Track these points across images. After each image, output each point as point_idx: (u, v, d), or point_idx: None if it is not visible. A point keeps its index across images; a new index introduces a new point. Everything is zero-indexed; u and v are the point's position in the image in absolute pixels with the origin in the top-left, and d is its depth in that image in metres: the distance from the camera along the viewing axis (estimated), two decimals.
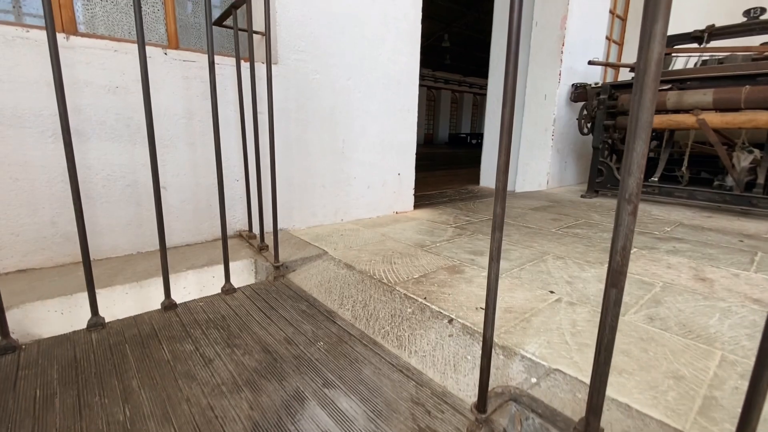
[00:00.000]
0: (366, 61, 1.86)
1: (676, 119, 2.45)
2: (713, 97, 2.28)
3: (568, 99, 3.29)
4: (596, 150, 2.85)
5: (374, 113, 1.95)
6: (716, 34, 2.69)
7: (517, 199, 2.85)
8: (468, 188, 3.76)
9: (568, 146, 3.49)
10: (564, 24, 3.06)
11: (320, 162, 1.79)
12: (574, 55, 3.23)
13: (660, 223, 2.09)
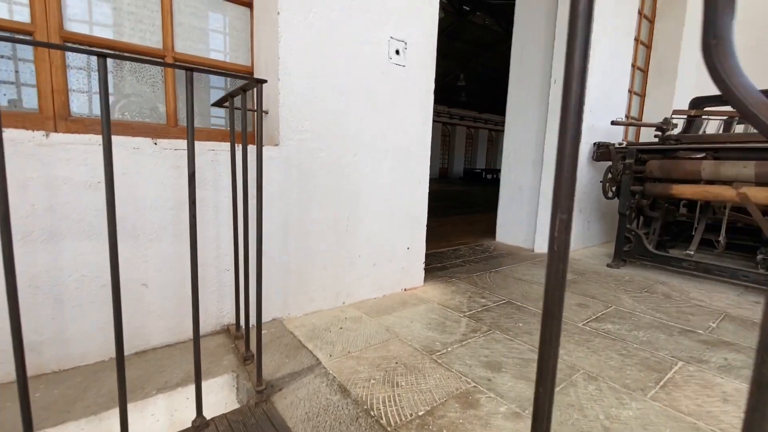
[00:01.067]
0: (375, 134, 1.75)
1: (713, 191, 2.25)
2: (756, 171, 2.07)
3: (590, 158, 3.13)
4: (623, 216, 2.65)
5: (383, 186, 1.83)
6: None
7: (538, 266, 2.64)
8: (483, 244, 3.57)
9: (590, 205, 3.30)
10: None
11: (322, 242, 1.65)
12: (595, 113, 3.10)
13: (702, 313, 1.85)
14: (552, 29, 3.15)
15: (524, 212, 3.51)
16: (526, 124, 3.44)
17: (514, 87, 3.53)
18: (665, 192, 2.45)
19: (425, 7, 1.84)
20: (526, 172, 3.47)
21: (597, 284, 2.26)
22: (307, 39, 1.49)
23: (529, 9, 3.36)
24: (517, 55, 3.48)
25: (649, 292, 2.15)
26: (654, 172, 2.47)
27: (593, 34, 2.90)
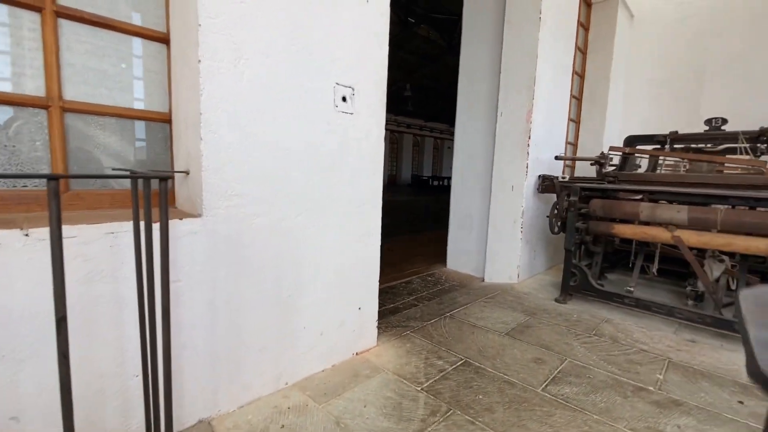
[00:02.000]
0: (321, 192, 1.56)
1: (650, 233, 2.35)
2: (688, 216, 2.19)
3: (536, 190, 3.19)
4: (568, 252, 2.70)
5: (331, 247, 1.64)
6: (678, 140, 2.70)
7: (491, 305, 2.60)
8: (434, 274, 3.50)
9: (536, 235, 3.36)
10: (530, 117, 2.98)
11: (259, 320, 1.43)
12: (539, 147, 3.16)
13: (648, 361, 1.88)
14: (497, 63, 3.17)
15: (474, 241, 3.50)
16: (474, 154, 3.44)
17: (462, 115, 3.51)
18: (607, 231, 2.53)
19: (374, 51, 1.69)
20: (474, 201, 3.47)
21: (549, 328, 2.25)
22: (238, 90, 1.27)
23: (475, 42, 3.36)
24: (464, 86, 3.47)
25: (597, 335, 2.17)
26: (597, 211, 2.54)
27: (537, 70, 2.95)
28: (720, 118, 2.56)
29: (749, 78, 4.10)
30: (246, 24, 1.26)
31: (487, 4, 3.25)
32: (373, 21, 1.67)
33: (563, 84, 3.48)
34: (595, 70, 4.63)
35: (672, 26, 4.58)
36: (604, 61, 4.57)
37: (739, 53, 4.15)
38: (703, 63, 4.38)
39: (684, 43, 4.50)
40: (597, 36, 4.59)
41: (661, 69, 4.67)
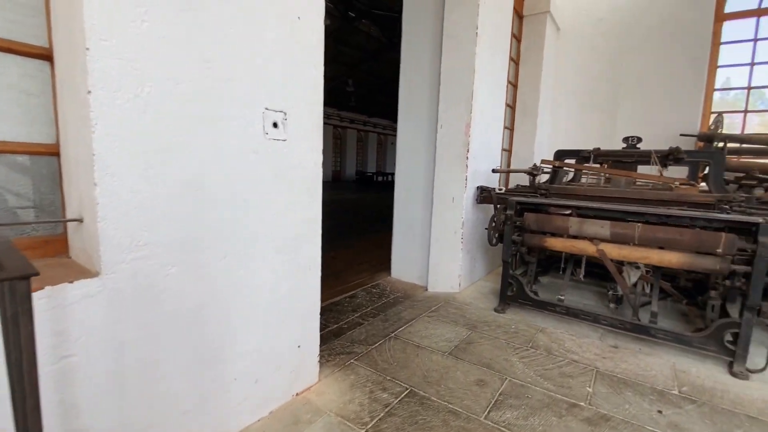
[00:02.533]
0: (251, 229, 1.41)
1: (578, 246, 2.50)
2: (610, 231, 2.35)
3: (475, 201, 3.26)
4: (506, 263, 2.79)
5: (264, 287, 1.50)
6: (600, 155, 2.91)
7: (434, 320, 2.61)
8: (379, 284, 3.46)
9: (475, 244, 3.45)
10: (468, 131, 3.03)
11: (181, 382, 1.26)
12: (478, 159, 3.23)
13: (579, 373, 2.00)
14: (437, 75, 3.17)
15: (417, 250, 3.51)
16: (417, 165, 3.43)
17: (404, 123, 3.48)
18: (541, 243, 2.65)
19: (308, 70, 1.56)
20: (417, 211, 3.47)
21: (489, 343, 2.31)
22: (141, 124, 1.08)
23: (415, 54, 3.33)
24: (405, 95, 3.43)
25: (533, 348, 2.27)
26: (531, 225, 2.64)
27: (474, 84, 3.00)
28: (635, 137, 2.79)
29: (659, 92, 4.55)
30: (149, 47, 1.07)
31: (426, 17, 3.22)
32: (306, 39, 1.54)
33: (499, 96, 3.59)
34: (526, 80, 4.86)
35: (592, 41, 4.94)
36: (535, 71, 4.81)
37: (650, 69, 4.59)
38: (619, 77, 4.78)
39: (602, 58, 4.88)
40: (528, 47, 4.81)
41: (584, 81, 5.03)
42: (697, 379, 1.99)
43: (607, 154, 2.89)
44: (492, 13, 3.14)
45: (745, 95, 4.59)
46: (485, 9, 2.98)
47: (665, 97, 4.51)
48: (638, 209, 2.31)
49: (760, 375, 2.01)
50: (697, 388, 1.89)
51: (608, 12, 4.83)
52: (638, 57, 4.65)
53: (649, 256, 2.26)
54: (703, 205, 2.38)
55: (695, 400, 1.79)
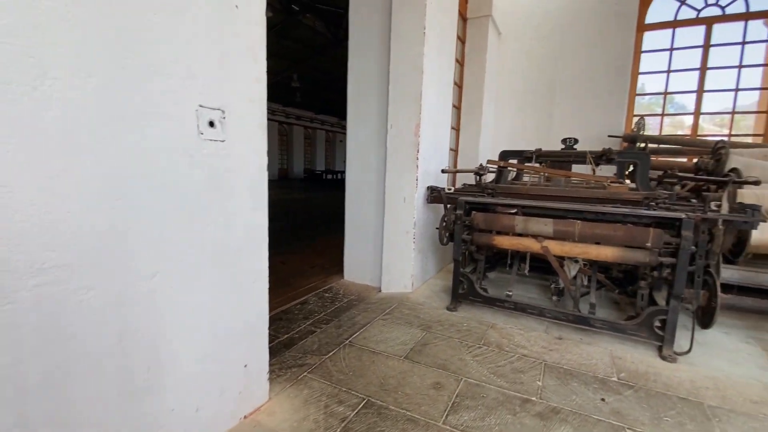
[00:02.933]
0: (186, 242, 1.26)
1: (524, 243, 2.59)
2: (553, 228, 2.46)
3: (425, 201, 3.27)
4: (457, 262, 2.83)
5: (204, 305, 1.35)
6: (542, 156, 3.05)
7: (389, 322, 2.57)
8: (332, 288, 3.36)
9: (427, 243, 3.47)
10: (418, 131, 3.02)
11: (101, 425, 1.08)
12: (427, 160, 3.24)
13: (529, 367, 2.07)
14: (386, 75, 3.12)
15: (370, 251, 3.46)
16: (367, 163, 3.37)
17: (353, 124, 3.40)
18: (489, 242, 2.71)
19: (248, 65, 1.43)
20: (369, 212, 3.41)
21: (444, 343, 2.32)
22: (42, 123, 0.90)
23: (362, 53, 3.26)
24: (354, 94, 3.35)
25: (486, 345, 2.31)
26: (480, 224, 2.70)
27: (423, 84, 2.99)
28: (573, 138, 2.96)
29: (590, 96, 4.90)
30: (49, 32, 0.90)
31: (374, 15, 3.16)
32: (245, 31, 1.40)
33: (446, 96, 3.64)
34: (471, 81, 4.99)
35: (530, 46, 5.20)
36: (479, 73, 4.96)
37: (582, 74, 4.93)
38: (554, 81, 5.08)
39: (539, 62, 5.16)
40: (472, 49, 4.94)
41: (523, 84, 5.28)
42: (632, 364, 2.15)
43: (548, 155, 3.04)
44: (438, 15, 3.16)
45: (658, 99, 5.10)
46: (432, 10, 2.99)
47: (595, 101, 4.87)
48: (578, 207, 2.45)
49: (685, 357, 2.22)
50: (633, 374, 2.04)
51: (543, 19, 5.11)
52: (571, 63, 4.97)
53: (588, 252, 2.40)
54: (633, 202, 2.58)
55: (632, 386, 1.93)
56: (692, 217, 2.17)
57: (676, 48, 4.81)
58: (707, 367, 2.15)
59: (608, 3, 4.70)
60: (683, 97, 5.01)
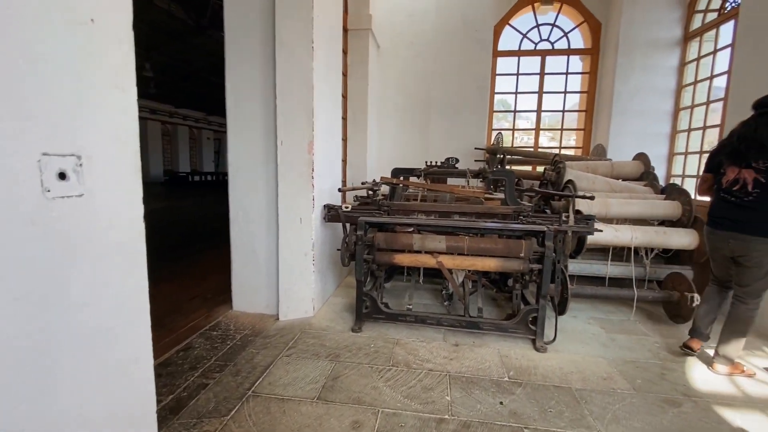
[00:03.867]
0: (35, 336, 0.92)
1: (422, 260, 2.73)
2: (446, 245, 2.66)
3: (322, 220, 3.17)
4: (359, 282, 2.83)
5: (64, 401, 1.02)
6: (430, 173, 3.25)
7: (294, 359, 2.41)
8: (221, 323, 2.99)
9: (325, 262, 3.38)
10: (311, 149, 2.90)
11: None
12: (323, 177, 3.14)
13: (436, 381, 2.19)
14: (271, 87, 2.89)
15: (263, 275, 3.19)
16: (254, 180, 3.08)
17: (235, 138, 3.07)
18: (390, 260, 2.78)
19: (110, 92, 1.12)
20: (260, 235, 3.14)
21: (355, 372, 2.28)
22: None
23: (242, 62, 2.95)
24: (233, 103, 3.02)
25: (395, 365, 2.37)
26: (381, 243, 2.74)
27: (315, 100, 2.87)
28: (454, 157, 3.24)
29: (460, 112, 5.45)
30: None
31: (254, 22, 2.88)
32: (107, 52, 1.09)
33: (337, 111, 3.58)
34: (355, 93, 5.04)
35: (407, 62, 5.51)
36: (362, 84, 5.04)
37: (453, 92, 5.44)
38: (430, 97, 5.50)
39: (416, 78, 5.51)
40: (354, 61, 4.98)
41: (403, 98, 5.58)
42: (517, 360, 2.47)
43: (435, 172, 3.26)
44: (325, 28, 3.07)
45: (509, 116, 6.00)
46: (320, 23, 2.88)
47: (464, 117, 5.45)
48: (466, 225, 2.69)
49: (552, 345, 2.66)
50: (519, 370, 2.34)
51: (416, 37, 5.46)
52: (444, 81, 5.45)
53: (475, 264, 2.67)
54: (505, 215, 2.96)
55: (520, 383, 2.21)
56: (551, 229, 2.60)
57: (521, 73, 5.72)
58: (568, 351, 2.62)
59: (470, 30, 5.29)
60: (529, 114, 6.00)
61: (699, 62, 4.74)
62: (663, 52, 5.02)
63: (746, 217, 2.23)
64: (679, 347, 2.64)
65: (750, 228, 2.21)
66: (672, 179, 5.00)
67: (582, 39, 5.67)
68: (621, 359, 2.54)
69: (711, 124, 4.47)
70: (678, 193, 3.54)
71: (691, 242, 3.32)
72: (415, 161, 5.46)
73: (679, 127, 5.04)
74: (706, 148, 4.52)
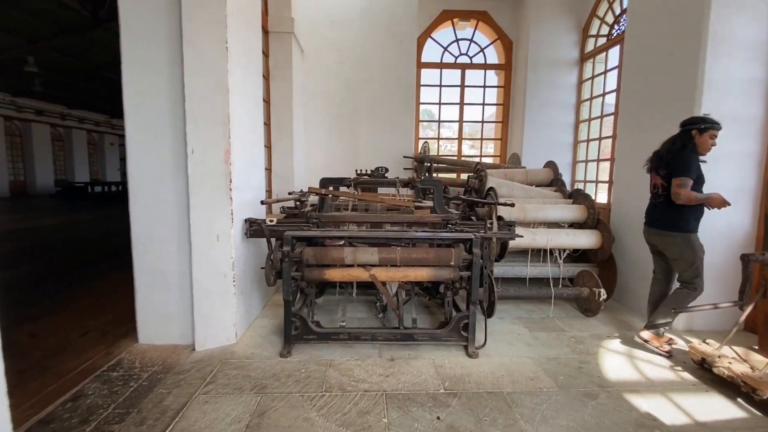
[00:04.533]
0: None
1: (354, 273, 2.62)
2: (379, 257, 2.58)
3: (244, 235, 2.91)
4: (288, 303, 2.63)
5: None
6: (360, 183, 3.17)
7: (212, 396, 2.13)
8: (122, 362, 2.56)
9: (249, 283, 3.10)
10: (229, 158, 2.64)
11: None
12: (243, 189, 2.88)
13: (372, 403, 2.08)
14: (179, 90, 2.58)
15: (175, 302, 2.82)
16: (161, 194, 2.72)
17: (137, 146, 2.68)
18: (321, 277, 2.63)
19: None
20: (170, 255, 2.77)
21: (284, 404, 2.08)
22: None
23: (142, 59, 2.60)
24: (134, 107, 2.65)
25: (328, 390, 2.21)
26: (310, 259, 2.58)
27: (230, 105, 2.63)
28: (384, 167, 3.20)
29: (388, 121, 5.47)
30: None
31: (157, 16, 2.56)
32: None
33: (257, 116, 3.34)
34: (279, 97, 4.80)
35: (334, 69, 5.41)
36: (286, 89, 4.82)
37: (381, 101, 5.45)
38: (358, 105, 5.45)
39: (344, 86, 5.43)
40: (277, 64, 4.75)
41: (331, 105, 5.46)
42: (451, 370, 2.47)
43: (365, 182, 3.19)
44: (241, 28, 2.84)
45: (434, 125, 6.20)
46: (234, 22, 2.65)
47: (392, 126, 5.49)
48: (399, 235, 2.64)
49: (483, 349, 2.71)
50: (454, 380, 2.34)
51: (341, 44, 5.39)
52: (371, 90, 5.44)
53: (408, 275, 2.63)
54: (435, 224, 2.99)
55: (456, 393, 2.20)
56: (478, 236, 2.67)
57: (444, 85, 5.95)
58: (498, 354, 2.70)
59: (395, 40, 5.36)
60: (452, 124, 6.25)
61: (593, 80, 5.35)
62: (565, 70, 5.58)
63: (659, 214, 2.74)
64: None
65: (661, 224, 2.72)
66: (576, 184, 5.55)
67: (496, 55, 6.08)
68: (544, 357, 2.68)
69: (605, 136, 5.05)
70: (583, 198, 3.90)
71: (596, 242, 3.67)
72: (344, 169, 5.36)
73: (579, 138, 5.62)
74: (602, 157, 5.09)
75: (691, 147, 2.55)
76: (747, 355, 2.37)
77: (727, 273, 3.08)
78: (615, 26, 4.86)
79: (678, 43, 3.18)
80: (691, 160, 2.51)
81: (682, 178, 2.49)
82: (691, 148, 2.54)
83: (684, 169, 2.50)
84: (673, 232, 2.64)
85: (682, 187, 2.49)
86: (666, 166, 2.61)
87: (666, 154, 2.63)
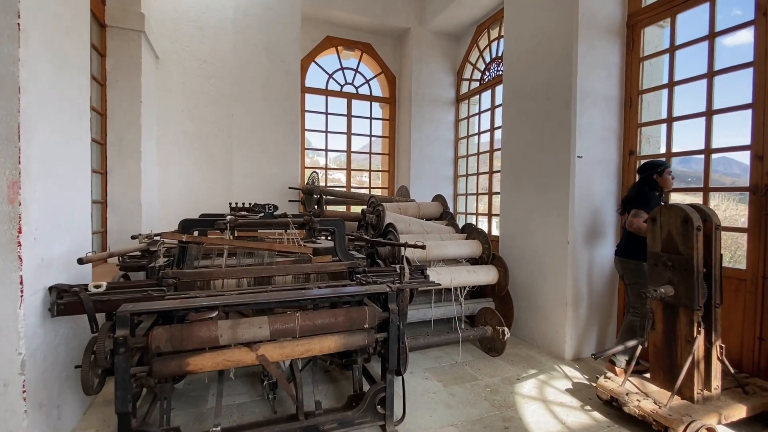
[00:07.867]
0: None
1: (234, 358, 1.86)
2: (270, 329, 1.90)
3: (47, 314, 1.87)
4: (123, 417, 1.71)
5: None
6: (240, 225, 2.43)
7: None
8: None
9: (58, 386, 2.01)
10: (17, 194, 1.65)
11: None
12: (46, 240, 1.87)
13: None
14: None
15: None
16: None
17: None
18: (181, 370, 1.79)
19: None
20: None
21: None
22: None
23: None
24: None
25: None
26: (163, 345, 1.73)
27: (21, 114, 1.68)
28: (273, 204, 2.55)
29: (268, 147, 4.77)
30: None
31: None
32: None
33: (81, 131, 2.33)
34: (121, 109, 3.69)
35: (200, 83, 4.50)
36: (133, 100, 3.74)
37: (260, 125, 4.72)
38: (231, 127, 4.61)
39: (214, 104, 4.55)
40: (118, 67, 3.67)
41: (197, 125, 4.49)
42: None
43: (247, 224, 2.47)
44: (53, 5, 1.92)
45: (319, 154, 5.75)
46: None
47: (273, 153, 4.80)
48: (297, 296, 2.02)
49: (402, 425, 2.24)
50: None
51: (212, 55, 4.56)
52: (248, 110, 4.69)
53: (312, 348, 2.01)
54: (338, 273, 2.46)
55: None
56: (394, 288, 2.25)
57: (330, 113, 5.59)
58: (419, 427, 2.27)
59: (276, 60, 4.78)
60: (340, 155, 5.90)
61: (468, 120, 5.72)
62: (444, 108, 5.84)
63: (621, 244, 3.00)
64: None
65: (621, 252, 2.95)
66: (458, 216, 5.74)
67: (380, 88, 6.05)
68: (468, 420, 2.36)
69: (482, 171, 5.37)
70: (477, 233, 3.91)
71: (493, 277, 3.66)
72: (213, 203, 4.42)
73: (459, 173, 5.89)
74: (481, 191, 5.38)
75: (653, 187, 2.83)
76: (643, 386, 2.47)
77: (602, 299, 3.35)
78: (486, 72, 5.29)
79: (552, 92, 3.47)
80: (649, 197, 2.79)
81: (638, 210, 2.75)
82: (652, 187, 2.83)
83: (641, 202, 2.78)
84: (628, 259, 2.86)
85: (635, 217, 2.74)
86: (631, 203, 2.87)
87: (629, 193, 2.96)
